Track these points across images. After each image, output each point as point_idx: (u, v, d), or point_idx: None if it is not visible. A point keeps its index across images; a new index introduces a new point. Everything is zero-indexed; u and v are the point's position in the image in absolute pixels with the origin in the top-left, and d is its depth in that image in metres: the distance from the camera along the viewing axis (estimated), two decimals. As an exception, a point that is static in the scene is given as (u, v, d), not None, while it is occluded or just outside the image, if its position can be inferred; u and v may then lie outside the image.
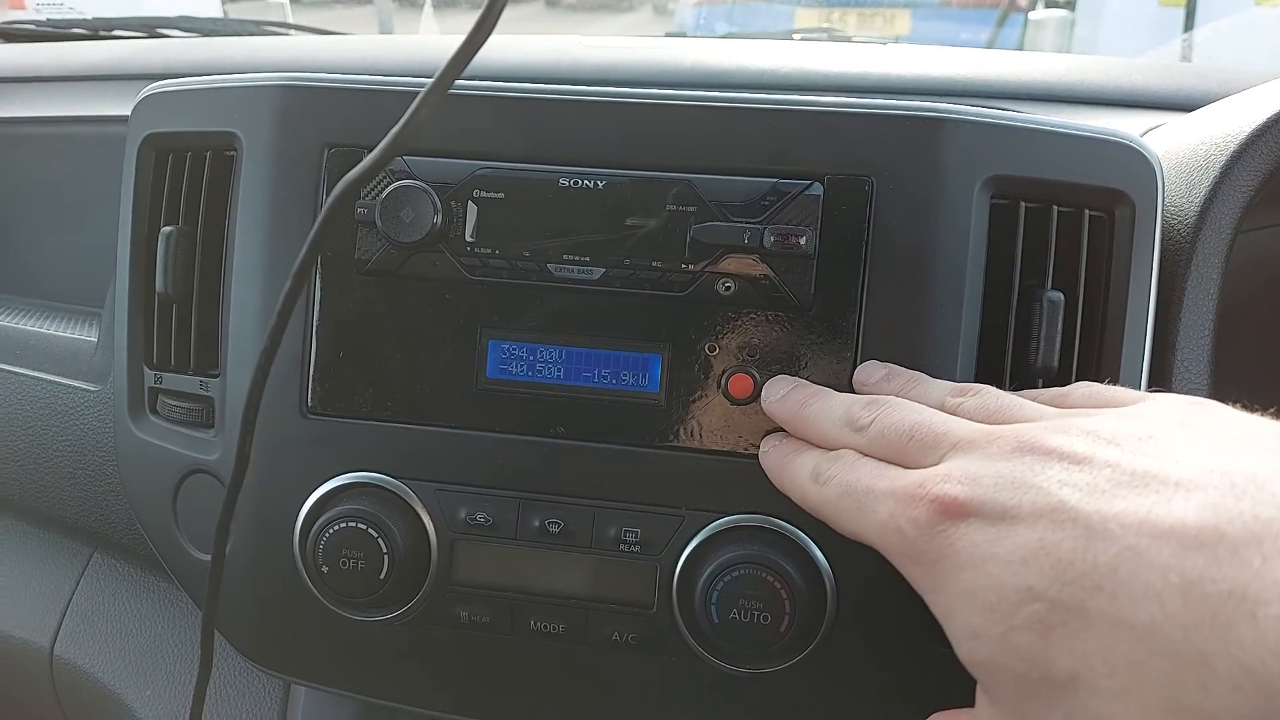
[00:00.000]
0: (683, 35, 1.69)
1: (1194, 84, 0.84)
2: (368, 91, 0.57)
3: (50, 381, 0.71)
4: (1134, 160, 0.53)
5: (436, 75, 0.37)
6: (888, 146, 0.53)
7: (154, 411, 0.63)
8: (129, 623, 0.72)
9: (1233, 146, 0.57)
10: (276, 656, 0.61)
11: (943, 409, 0.44)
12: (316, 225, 0.40)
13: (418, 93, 0.58)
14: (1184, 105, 0.79)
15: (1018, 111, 0.77)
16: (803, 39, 1.30)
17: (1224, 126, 0.58)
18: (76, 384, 0.70)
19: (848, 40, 1.29)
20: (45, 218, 0.92)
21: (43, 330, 0.76)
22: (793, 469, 0.47)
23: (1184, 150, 0.60)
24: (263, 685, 0.68)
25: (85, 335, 0.75)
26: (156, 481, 0.62)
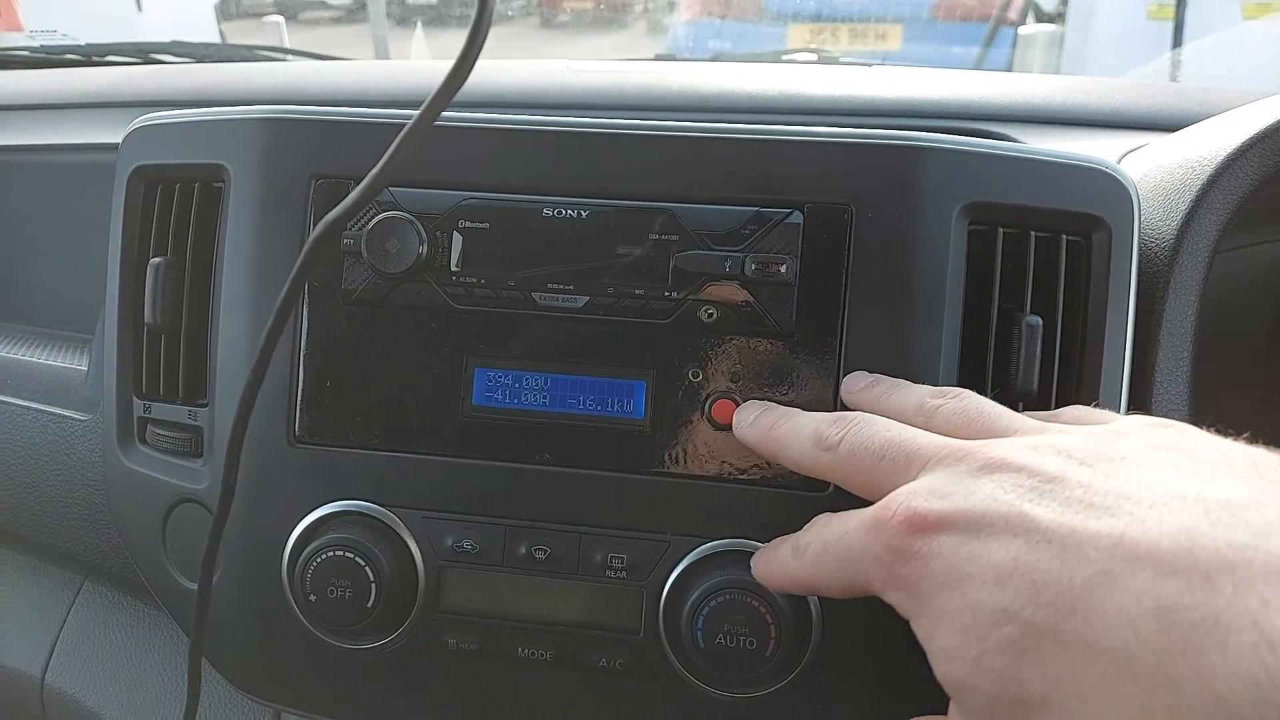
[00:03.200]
0: (672, 58, 1.70)
1: (1176, 104, 0.85)
2: (353, 124, 0.58)
3: (40, 411, 0.71)
4: (1110, 186, 0.54)
5: (418, 114, 0.37)
6: (866, 175, 0.53)
7: (143, 441, 0.63)
8: (119, 651, 0.72)
9: (1209, 170, 0.57)
10: (265, 685, 0.61)
11: (921, 410, 0.44)
12: (299, 263, 0.41)
13: (402, 124, 0.59)
14: (1166, 125, 0.80)
15: (1001, 134, 0.78)
16: (790, 61, 1.31)
17: (1201, 149, 0.59)
18: (67, 413, 0.70)
19: (835, 61, 1.30)
20: (39, 244, 0.93)
21: (33, 360, 0.76)
22: (772, 555, 0.48)
23: (1163, 173, 0.61)
24: (252, 714, 0.68)
25: (76, 364, 0.75)
26: (145, 510, 0.62)
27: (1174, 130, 0.71)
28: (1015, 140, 0.82)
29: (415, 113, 0.40)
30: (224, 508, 0.46)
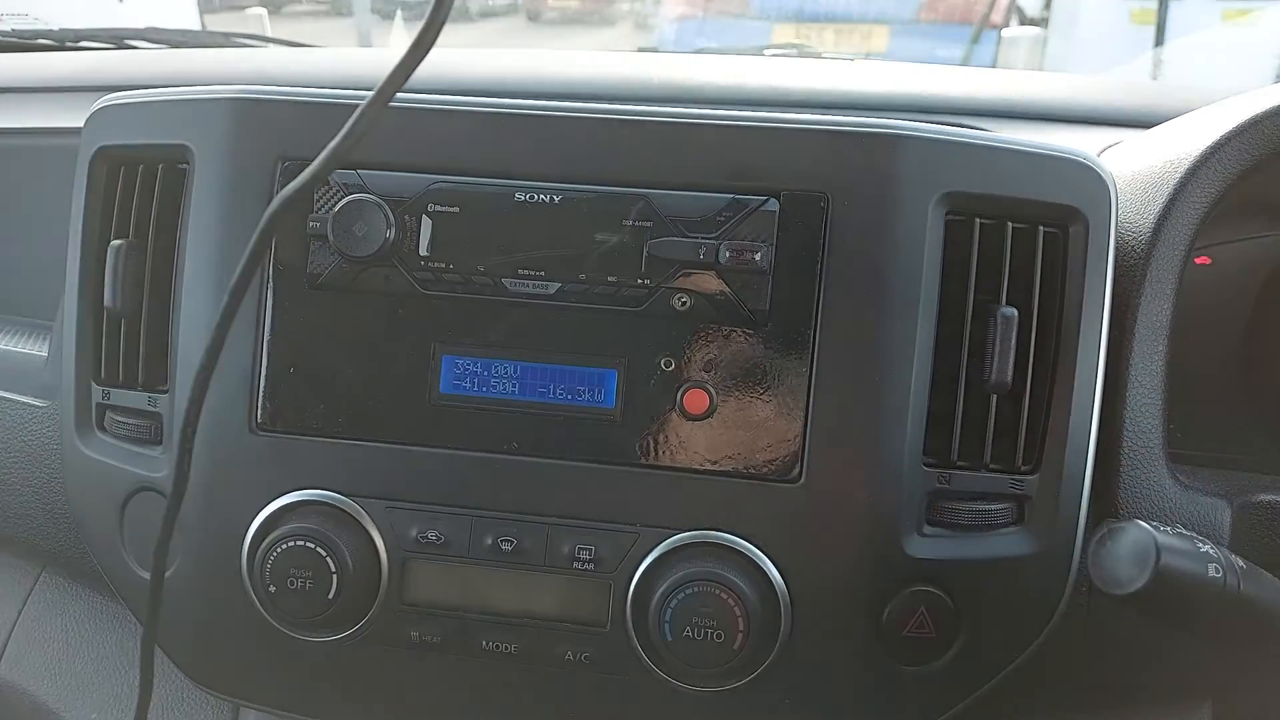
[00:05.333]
0: (654, 50, 1.70)
1: (1154, 101, 0.85)
2: (321, 105, 0.56)
3: (-2, 397, 0.69)
4: (1088, 177, 0.54)
5: (376, 89, 0.36)
6: (843, 163, 0.53)
7: (101, 428, 0.62)
8: (75, 644, 0.70)
9: (1186, 164, 0.57)
10: (223, 678, 0.59)
11: None
12: (253, 242, 0.40)
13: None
14: (1144, 122, 0.80)
15: (979, 129, 0.77)
16: (773, 55, 1.30)
17: (1179, 143, 0.59)
18: (25, 399, 0.68)
19: (817, 57, 1.30)
20: (5, 229, 0.91)
21: (-9, 344, 0.74)
22: None
23: (1140, 167, 0.61)
24: (212, 707, 0.66)
25: (36, 350, 0.73)
26: (103, 499, 0.61)
27: (1151, 126, 0.71)
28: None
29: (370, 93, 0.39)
30: (177, 494, 0.45)
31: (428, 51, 0.35)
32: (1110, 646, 0.57)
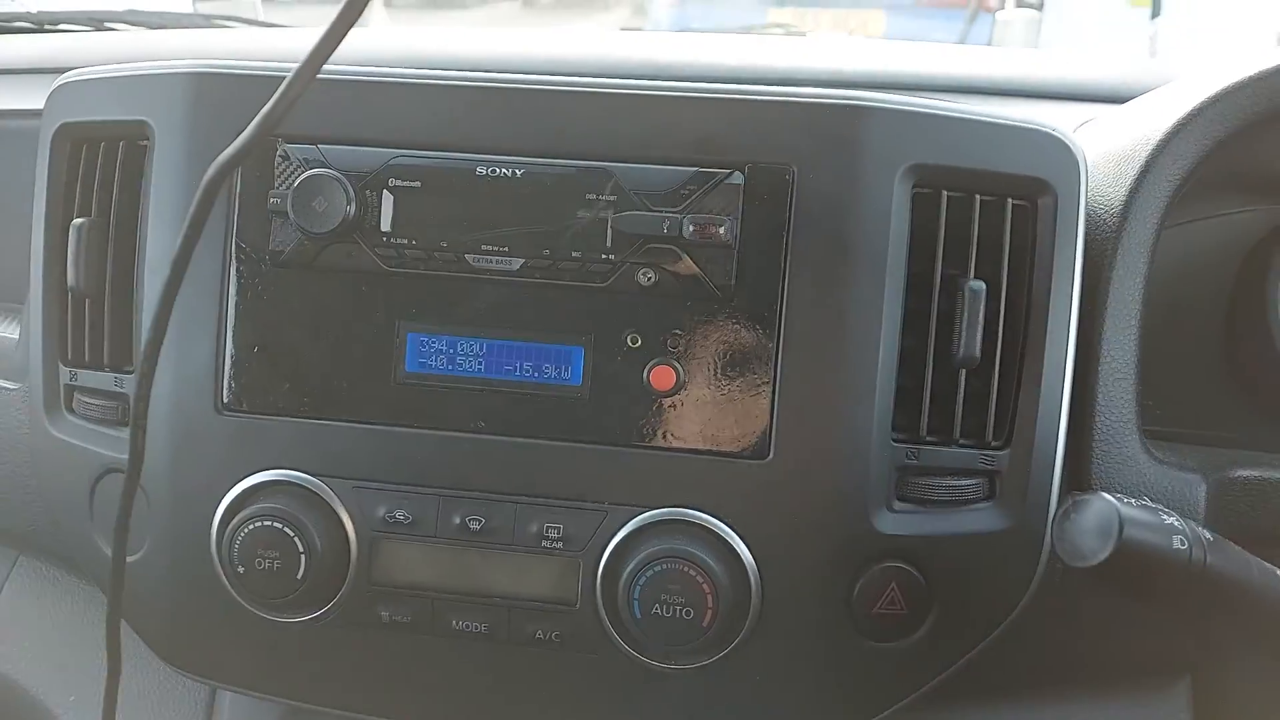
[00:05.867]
0: (638, 30, 1.69)
1: (1132, 77, 0.84)
2: (281, 79, 0.55)
3: (-34, 379, 0.69)
4: (1056, 149, 0.53)
5: (305, 56, 0.36)
6: (809, 135, 0.52)
7: (70, 409, 0.61)
8: (53, 627, 0.70)
9: (1157, 137, 0.56)
10: (194, 660, 0.59)
11: None
12: (190, 213, 0.39)
13: (337, 78, 0.57)
14: (1121, 98, 0.80)
15: (942, 102, 0.76)
16: (758, 34, 1.29)
17: (1150, 118, 0.58)
18: (-4, 382, 0.68)
19: (802, 35, 1.28)
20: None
21: (-41, 327, 0.74)
22: None
23: (1113, 142, 0.60)
24: (189, 687, 0.66)
25: (7, 333, 0.73)
26: (73, 481, 0.60)
27: (1125, 102, 0.70)
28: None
29: (354, 66, 0.39)
30: (134, 471, 0.44)
31: (359, 15, 0.35)
32: (1085, 623, 0.57)
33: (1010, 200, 0.53)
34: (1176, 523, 0.43)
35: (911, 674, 0.55)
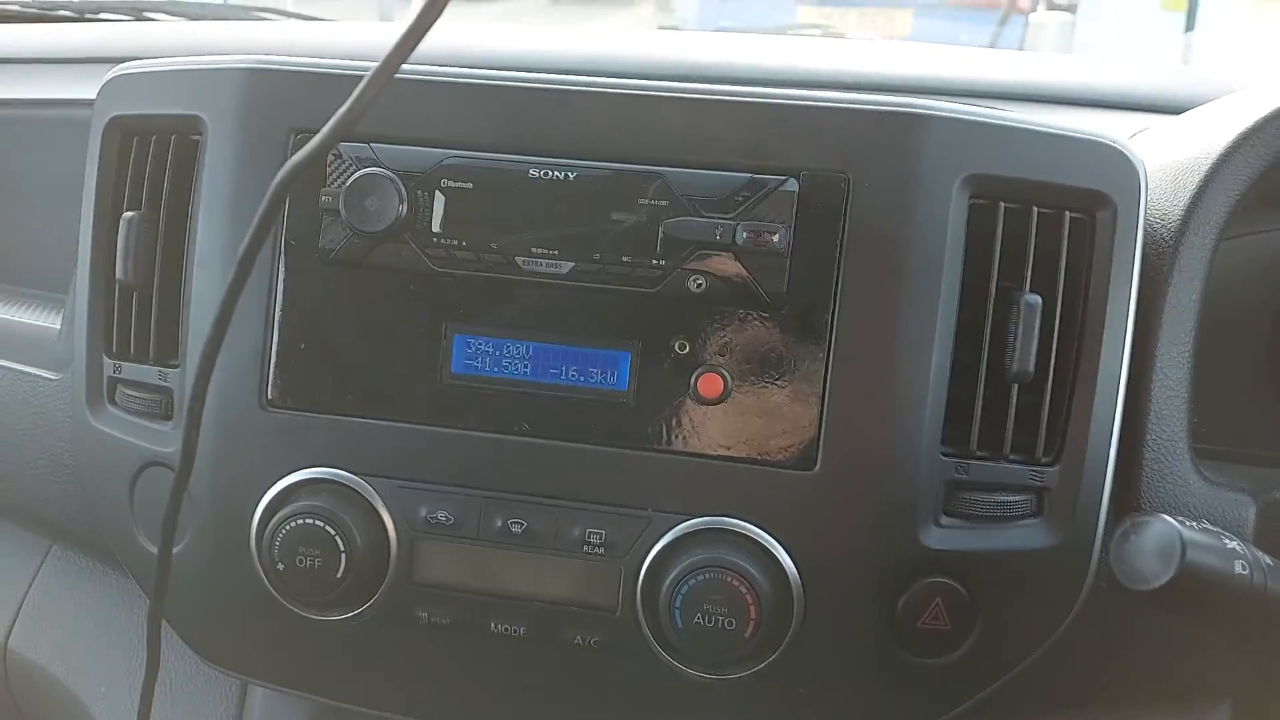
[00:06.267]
0: (676, 29, 1.68)
1: (1183, 86, 0.83)
2: (335, 75, 0.55)
3: (9, 368, 0.69)
4: (1116, 162, 0.52)
5: (383, 58, 0.35)
6: (865, 143, 0.51)
7: (113, 402, 0.62)
8: (86, 618, 0.70)
9: (1219, 149, 0.55)
10: (231, 655, 0.59)
11: None
12: (260, 213, 0.39)
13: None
14: (1172, 108, 0.78)
15: (1001, 111, 0.75)
16: (796, 35, 1.28)
17: (1211, 130, 0.57)
18: (37, 371, 0.68)
19: (841, 37, 1.27)
20: (22, 201, 0.91)
21: (3, 315, 0.74)
22: None
23: (1170, 153, 0.59)
24: (220, 682, 0.66)
25: (49, 323, 0.73)
26: (113, 473, 0.61)
27: (1179, 112, 0.69)
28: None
29: (407, 64, 0.38)
30: (185, 470, 0.44)
31: (437, 17, 0.34)
32: (1128, 643, 0.56)
33: (1068, 213, 0.53)
34: (1239, 547, 0.42)
35: (953, 690, 0.54)
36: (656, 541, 0.52)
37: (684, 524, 0.52)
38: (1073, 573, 0.53)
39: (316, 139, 0.36)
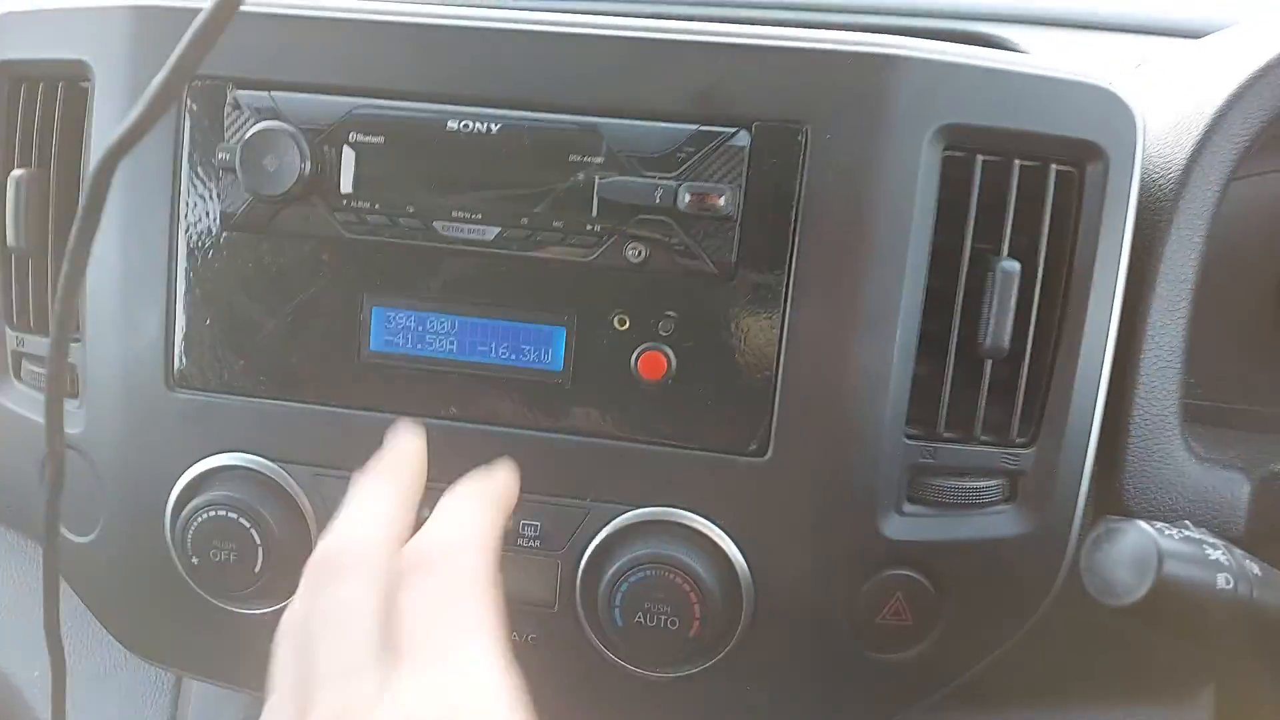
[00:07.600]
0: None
1: (1197, 5, 0.75)
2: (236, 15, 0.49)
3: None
4: (1110, 108, 0.46)
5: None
6: (826, 89, 0.45)
7: (18, 377, 0.57)
8: (15, 600, 0.67)
9: (1231, 87, 0.49)
10: (157, 647, 0.56)
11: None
12: (81, 205, 0.34)
13: (291, 16, 0.51)
14: (1188, 31, 0.71)
15: (998, 37, 0.68)
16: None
17: (1224, 62, 0.51)
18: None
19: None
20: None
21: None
22: None
23: (1172, 91, 0.52)
24: (156, 673, 0.64)
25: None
26: (22, 455, 0.56)
27: (1197, 37, 0.62)
28: (1014, 45, 0.73)
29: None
30: (56, 457, 0.40)
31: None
32: (1104, 631, 0.53)
33: (1054, 166, 0.47)
34: (1222, 557, 0.38)
35: (914, 685, 0.51)
36: (595, 534, 0.48)
37: (625, 515, 0.48)
38: (1046, 562, 0.49)
39: (136, 107, 0.30)
